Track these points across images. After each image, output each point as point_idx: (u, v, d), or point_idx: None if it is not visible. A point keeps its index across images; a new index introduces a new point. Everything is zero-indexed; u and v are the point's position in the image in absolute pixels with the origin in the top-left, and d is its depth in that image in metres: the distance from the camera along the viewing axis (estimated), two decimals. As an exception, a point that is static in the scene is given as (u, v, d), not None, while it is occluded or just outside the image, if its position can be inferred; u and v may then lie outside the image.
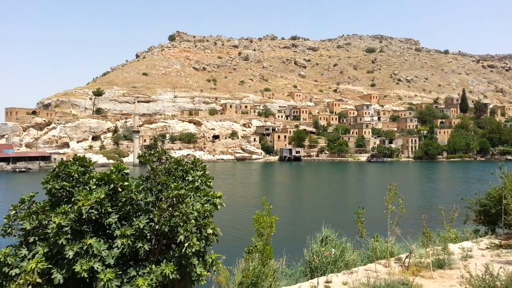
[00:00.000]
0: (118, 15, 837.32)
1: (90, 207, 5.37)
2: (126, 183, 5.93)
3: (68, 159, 6.39)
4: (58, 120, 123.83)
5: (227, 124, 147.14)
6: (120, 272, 5.37)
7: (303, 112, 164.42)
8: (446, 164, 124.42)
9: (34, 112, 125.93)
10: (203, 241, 5.77)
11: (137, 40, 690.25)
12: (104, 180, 5.93)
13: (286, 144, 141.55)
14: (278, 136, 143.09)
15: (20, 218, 5.60)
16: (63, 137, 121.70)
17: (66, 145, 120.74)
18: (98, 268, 5.12)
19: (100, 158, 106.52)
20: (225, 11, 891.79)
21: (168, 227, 5.65)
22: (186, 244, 5.45)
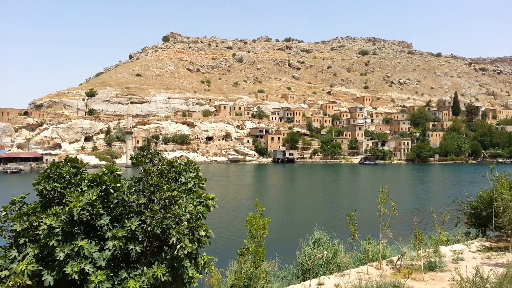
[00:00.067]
0: (112, 16, 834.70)
1: (81, 208, 5.33)
2: (118, 185, 5.89)
3: (60, 160, 6.35)
4: (50, 121, 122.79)
5: (220, 126, 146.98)
6: (112, 274, 5.33)
7: (296, 114, 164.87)
8: (438, 166, 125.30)
9: (26, 113, 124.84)
10: (196, 243, 5.75)
11: (130, 41, 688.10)
12: (96, 181, 5.89)
13: (279, 146, 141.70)
14: (272, 138, 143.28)
15: (11, 219, 5.55)
16: (55, 138, 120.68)
17: (58, 146, 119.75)
18: (89, 270, 5.09)
19: (93, 159, 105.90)
20: (219, 13, 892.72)
21: (160, 229, 5.62)
22: (178, 246, 5.43)
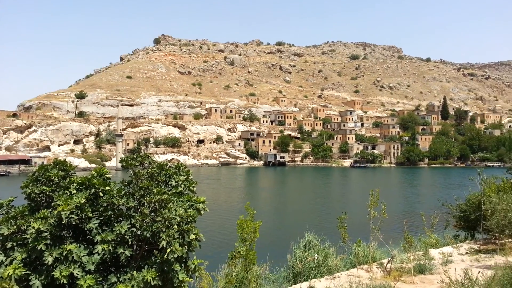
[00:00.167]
0: (103, 18, 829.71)
1: (70, 212, 5.27)
2: (107, 188, 5.84)
3: (48, 163, 6.27)
4: (39, 123, 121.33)
5: (211, 129, 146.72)
6: (101, 279, 5.27)
7: (288, 118, 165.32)
8: (427, 170, 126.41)
9: (14, 115, 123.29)
10: (186, 246, 5.71)
11: (121, 43, 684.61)
12: (85, 184, 5.83)
13: (270, 149, 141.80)
14: (263, 141, 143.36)
15: (-2, 223, 5.47)
16: (44, 140, 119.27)
17: (47, 148, 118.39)
18: (78, 274, 5.03)
19: (82, 162, 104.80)
20: (211, 16, 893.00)
21: (150, 233, 5.58)
22: (168, 250, 5.39)
